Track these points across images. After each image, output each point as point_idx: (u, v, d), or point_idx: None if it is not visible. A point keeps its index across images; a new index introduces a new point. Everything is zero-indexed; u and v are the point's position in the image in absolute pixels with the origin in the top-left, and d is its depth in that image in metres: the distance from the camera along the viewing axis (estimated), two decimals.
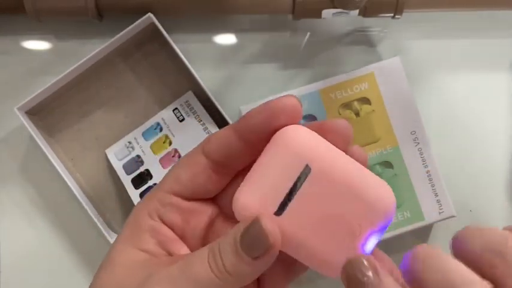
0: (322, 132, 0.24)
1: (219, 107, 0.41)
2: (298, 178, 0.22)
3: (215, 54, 0.45)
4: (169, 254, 0.25)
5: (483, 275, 0.19)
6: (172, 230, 0.25)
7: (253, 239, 0.22)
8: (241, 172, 0.26)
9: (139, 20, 0.40)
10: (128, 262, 0.24)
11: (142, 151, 0.42)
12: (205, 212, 0.26)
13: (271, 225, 0.22)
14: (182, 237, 0.26)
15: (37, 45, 0.45)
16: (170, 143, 0.42)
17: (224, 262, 0.22)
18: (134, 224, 0.25)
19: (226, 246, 0.22)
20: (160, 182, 0.26)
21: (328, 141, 0.23)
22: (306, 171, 0.22)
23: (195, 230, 0.26)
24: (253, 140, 0.24)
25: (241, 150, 0.24)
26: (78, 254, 0.44)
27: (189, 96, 0.42)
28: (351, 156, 0.24)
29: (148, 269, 0.23)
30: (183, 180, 0.25)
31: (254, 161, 0.24)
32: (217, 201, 0.26)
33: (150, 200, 0.25)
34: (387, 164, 0.41)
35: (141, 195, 0.41)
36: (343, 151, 0.24)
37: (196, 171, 0.25)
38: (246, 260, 0.22)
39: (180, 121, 0.42)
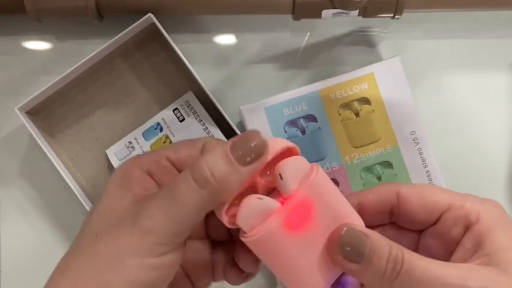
0: None
1: (219, 107, 0.40)
2: None
3: (215, 54, 0.45)
4: None
5: None
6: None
7: (245, 146, 0.24)
8: None
9: (140, 20, 0.40)
10: (120, 202, 0.26)
11: (143, 151, 0.42)
12: None
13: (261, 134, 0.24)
14: None
15: (37, 45, 0.45)
16: (170, 143, 0.42)
17: (213, 172, 0.23)
18: (125, 173, 0.27)
19: (215, 158, 0.24)
20: (157, 149, 0.28)
21: None
22: None
23: None
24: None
25: None
26: None
27: (189, 96, 0.42)
28: None
29: (141, 203, 0.25)
30: (182, 155, 0.27)
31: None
32: None
33: (144, 159, 0.27)
34: (387, 164, 0.41)
35: None
36: None
37: (194, 153, 0.27)
38: (237, 167, 0.23)
39: (180, 121, 0.42)
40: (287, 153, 0.27)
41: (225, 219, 0.25)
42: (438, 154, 0.41)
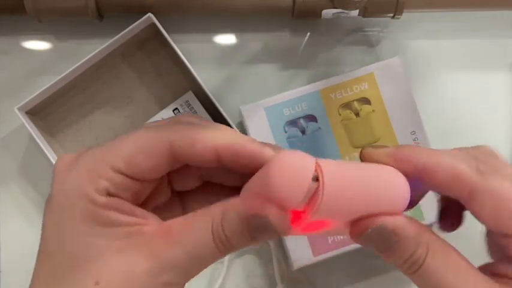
0: None
1: (219, 107, 0.41)
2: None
3: (215, 54, 0.45)
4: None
5: None
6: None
7: (261, 228, 0.22)
8: None
9: (140, 20, 0.40)
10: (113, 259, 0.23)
11: None
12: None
13: (279, 219, 0.22)
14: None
15: (37, 45, 0.45)
16: None
17: (230, 240, 0.23)
18: (83, 199, 0.23)
19: (233, 226, 0.22)
20: (109, 153, 0.23)
21: None
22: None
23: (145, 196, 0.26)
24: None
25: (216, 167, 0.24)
26: None
27: (189, 96, 0.42)
28: None
29: (146, 253, 0.23)
30: (142, 169, 0.23)
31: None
32: None
33: (97, 175, 0.23)
34: None
35: None
36: None
37: (158, 163, 0.24)
38: (249, 242, 0.23)
39: None
40: None
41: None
42: None
